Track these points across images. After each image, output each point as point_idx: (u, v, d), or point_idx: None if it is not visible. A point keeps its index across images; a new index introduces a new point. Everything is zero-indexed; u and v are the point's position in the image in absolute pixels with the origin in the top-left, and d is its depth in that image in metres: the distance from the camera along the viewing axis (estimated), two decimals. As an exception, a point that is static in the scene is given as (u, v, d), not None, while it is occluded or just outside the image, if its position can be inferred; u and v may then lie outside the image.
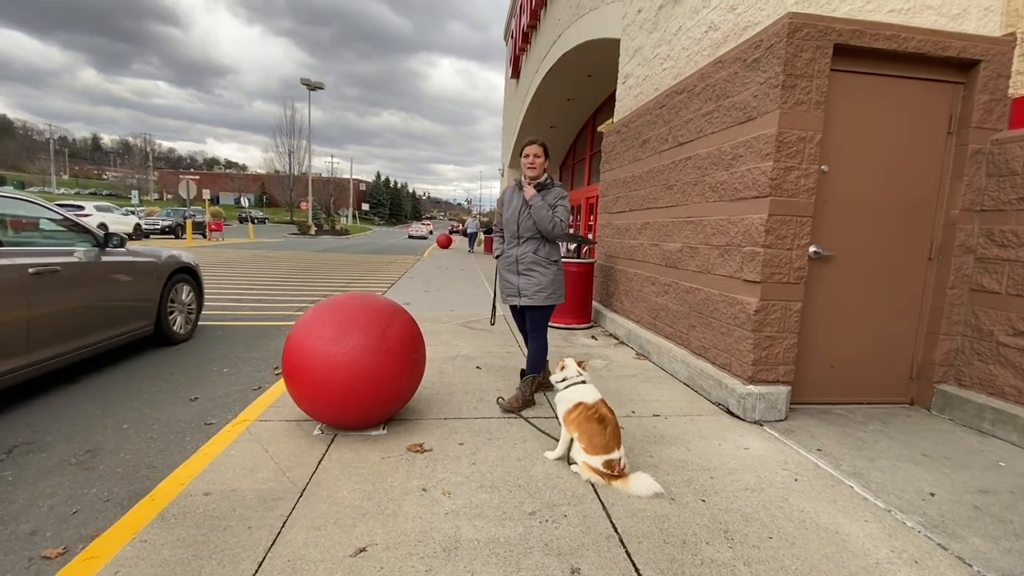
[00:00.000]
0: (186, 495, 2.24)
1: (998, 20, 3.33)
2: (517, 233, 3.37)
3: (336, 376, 2.61)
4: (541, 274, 3.34)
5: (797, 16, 3.09)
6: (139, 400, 3.60)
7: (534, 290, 3.34)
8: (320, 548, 1.90)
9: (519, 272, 3.37)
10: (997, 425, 3.13)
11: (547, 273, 3.35)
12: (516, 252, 3.38)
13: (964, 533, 2.14)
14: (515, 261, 3.38)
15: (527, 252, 3.35)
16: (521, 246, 3.37)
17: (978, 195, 3.38)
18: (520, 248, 3.37)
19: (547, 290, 3.35)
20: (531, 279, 3.34)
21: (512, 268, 3.40)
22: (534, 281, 3.34)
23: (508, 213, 3.42)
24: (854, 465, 2.71)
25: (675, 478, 2.52)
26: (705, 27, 4.18)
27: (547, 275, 3.35)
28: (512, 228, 3.40)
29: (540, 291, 3.34)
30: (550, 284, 3.36)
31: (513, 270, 3.40)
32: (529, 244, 3.35)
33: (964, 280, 3.44)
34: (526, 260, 3.35)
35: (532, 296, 3.35)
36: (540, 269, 3.34)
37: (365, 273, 12.93)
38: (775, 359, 3.32)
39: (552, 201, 3.28)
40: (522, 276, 3.36)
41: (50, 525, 2.16)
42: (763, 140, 3.25)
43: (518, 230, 3.36)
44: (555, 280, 3.39)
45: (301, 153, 51.54)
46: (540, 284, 3.34)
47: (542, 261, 3.35)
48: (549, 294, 3.36)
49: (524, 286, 3.36)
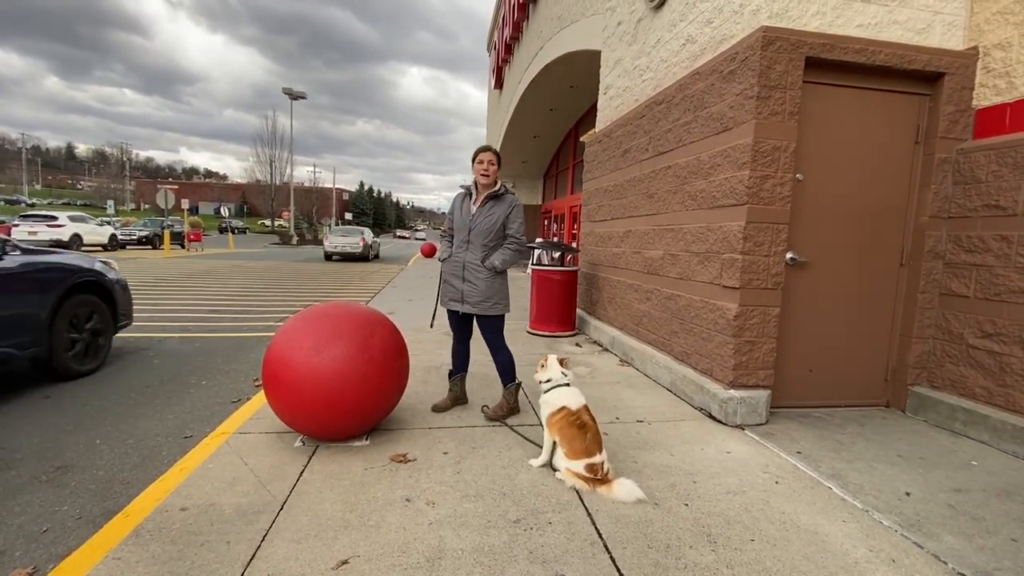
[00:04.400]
0: (162, 510, 2.18)
1: (961, 34, 3.47)
2: (467, 239, 3.29)
3: (318, 387, 2.58)
4: (485, 282, 3.25)
5: (770, 30, 3.18)
6: (113, 415, 3.51)
7: (477, 299, 3.25)
8: (301, 561, 1.87)
9: (464, 278, 3.30)
10: (969, 425, 3.22)
11: (493, 282, 3.27)
12: (464, 257, 3.30)
13: (939, 531, 2.19)
14: (461, 266, 3.30)
15: (474, 259, 3.27)
16: (469, 252, 3.29)
17: (946, 203, 3.50)
18: (468, 254, 3.29)
19: (491, 299, 3.27)
20: (475, 287, 3.26)
21: (457, 273, 3.32)
22: (478, 289, 3.25)
23: (459, 219, 3.35)
24: (833, 467, 2.76)
25: (659, 483, 2.53)
26: (683, 40, 4.28)
27: (493, 284, 3.27)
28: (463, 234, 3.32)
29: (483, 300, 3.26)
30: (495, 293, 3.28)
31: (458, 275, 3.32)
32: (477, 251, 3.27)
33: (934, 284, 3.55)
34: (472, 267, 3.27)
35: (475, 305, 3.26)
36: (484, 277, 3.25)
37: (348, 283, 12.81)
38: (755, 364, 3.38)
39: (503, 214, 3.24)
40: (466, 283, 3.28)
41: (19, 544, 2.09)
42: (740, 149, 3.33)
43: (468, 236, 3.29)
44: (500, 289, 3.30)
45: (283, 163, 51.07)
46: (484, 293, 3.25)
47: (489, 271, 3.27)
48: (494, 303, 3.28)
49: (468, 293, 3.28)
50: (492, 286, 3.27)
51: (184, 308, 8.05)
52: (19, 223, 18.84)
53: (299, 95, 36.07)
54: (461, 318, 3.42)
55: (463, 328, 3.47)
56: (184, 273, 13.50)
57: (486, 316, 3.31)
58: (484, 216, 3.26)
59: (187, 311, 7.79)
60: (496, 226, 3.25)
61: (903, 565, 1.95)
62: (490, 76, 21.99)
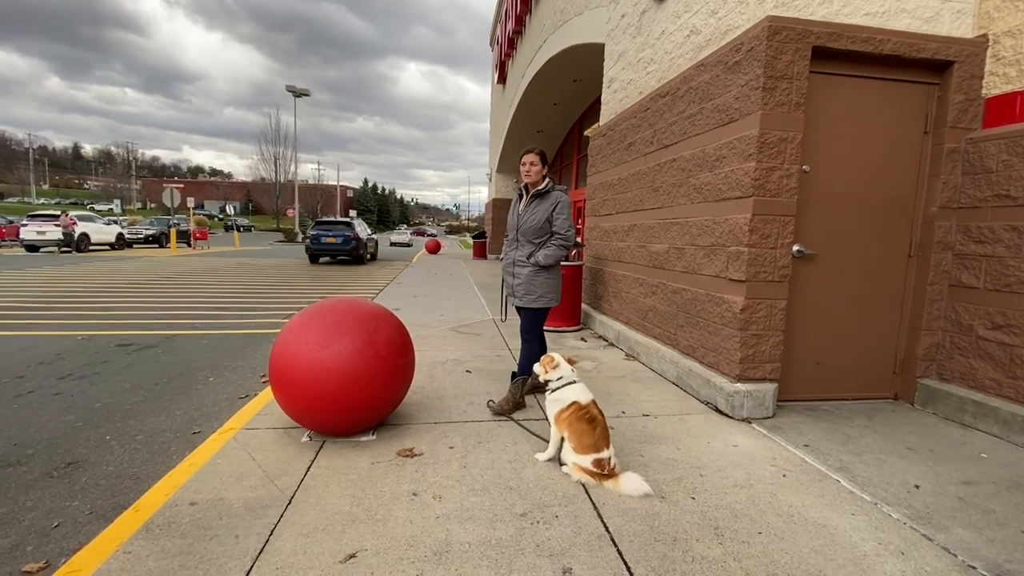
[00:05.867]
0: (171, 505, 2.20)
1: (970, 22, 3.42)
2: (516, 237, 3.49)
3: (324, 382, 2.59)
4: (529, 277, 3.39)
5: (776, 20, 3.15)
6: (122, 411, 3.54)
7: (523, 291, 3.42)
8: (309, 555, 1.88)
9: (514, 274, 3.49)
10: (979, 418, 3.19)
11: (536, 276, 3.38)
12: (514, 255, 3.50)
13: (949, 524, 2.17)
14: (512, 263, 3.51)
15: (522, 255, 3.44)
16: (518, 249, 3.47)
17: (955, 193, 3.46)
18: (516, 252, 3.48)
19: (536, 292, 3.38)
20: (522, 280, 3.42)
21: (509, 269, 3.54)
22: (523, 283, 3.41)
23: (511, 218, 3.56)
24: (840, 460, 2.75)
25: (665, 476, 2.53)
26: (687, 31, 4.24)
27: (536, 279, 3.38)
28: (512, 232, 3.53)
29: (529, 292, 3.40)
30: (540, 286, 3.39)
31: (510, 271, 3.53)
32: (525, 248, 3.44)
33: (943, 276, 3.51)
34: (519, 263, 3.45)
35: (522, 298, 3.43)
36: (528, 272, 3.39)
37: (353, 280, 12.85)
38: (762, 357, 3.36)
39: (546, 211, 3.34)
40: (516, 278, 3.47)
41: (31, 539, 2.11)
42: (745, 141, 3.30)
43: (517, 234, 3.48)
44: (545, 283, 3.40)
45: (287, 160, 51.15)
46: (527, 287, 3.39)
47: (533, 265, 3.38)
48: (538, 296, 3.39)
49: (517, 287, 3.46)
50: (535, 280, 3.38)
51: (191, 305, 8.10)
52: (27, 223, 19.03)
53: (303, 92, 36.09)
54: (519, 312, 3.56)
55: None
56: (190, 271, 13.57)
57: (527, 308, 3.44)
58: (529, 214, 3.39)
59: (194, 308, 7.83)
60: (540, 223, 3.36)
61: (912, 558, 1.94)
62: (493, 71, 21.90)
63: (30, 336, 5.69)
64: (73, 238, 19.16)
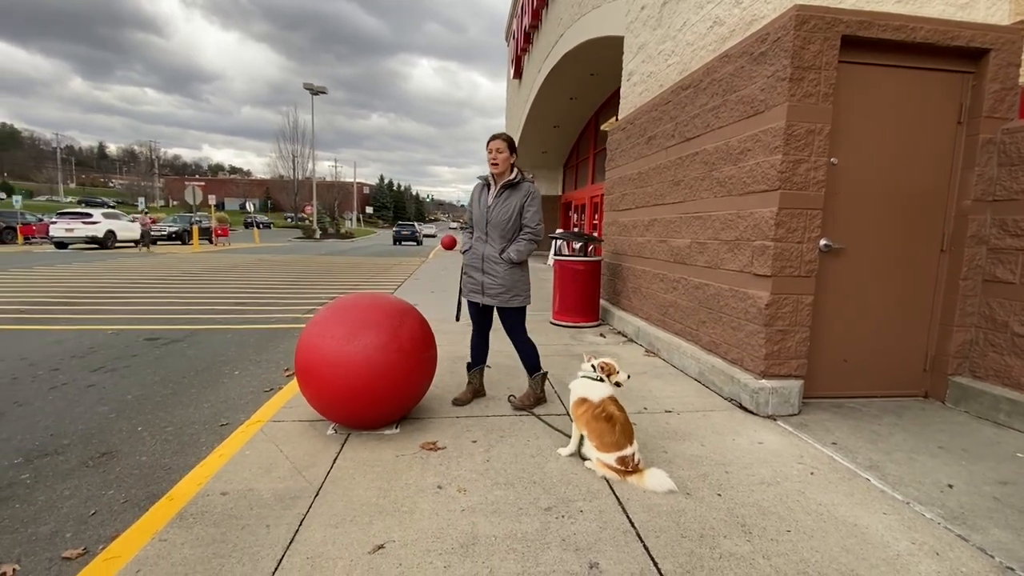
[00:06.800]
0: (204, 495, 2.25)
1: (1007, 8, 3.31)
2: (485, 231, 3.28)
3: (349, 375, 2.62)
4: (505, 275, 3.22)
5: (804, 8, 3.08)
6: (152, 403, 3.63)
7: (497, 291, 3.23)
8: (338, 545, 1.91)
9: (483, 270, 3.28)
10: (1013, 416, 3.10)
11: (512, 273, 3.23)
12: (483, 250, 3.28)
13: (985, 524, 2.12)
14: (481, 259, 3.28)
15: (493, 252, 3.24)
16: (488, 244, 3.27)
17: (990, 185, 3.35)
18: (487, 247, 3.27)
19: (511, 291, 3.24)
20: (495, 279, 3.24)
21: (477, 265, 3.31)
22: (498, 282, 3.23)
23: (477, 211, 3.32)
24: (870, 458, 2.69)
25: (690, 473, 2.51)
26: (710, 22, 4.17)
27: (513, 276, 3.24)
28: (481, 226, 3.30)
29: (504, 292, 3.23)
30: (515, 285, 3.24)
31: (478, 267, 3.30)
32: (497, 243, 3.24)
33: (977, 271, 3.41)
34: (491, 259, 3.25)
35: (495, 297, 3.24)
36: (503, 269, 3.22)
37: (371, 276, 12.97)
38: (787, 353, 3.31)
39: (519, 203, 3.18)
40: (486, 275, 3.27)
41: (69, 526, 2.18)
42: (771, 133, 3.24)
43: (486, 227, 3.26)
44: (520, 281, 3.27)
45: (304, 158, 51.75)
46: (504, 285, 3.22)
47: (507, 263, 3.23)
48: (514, 295, 3.25)
49: (488, 285, 3.26)
50: (512, 278, 3.23)
51: (215, 301, 8.25)
52: (56, 220, 19.58)
53: (320, 90, 36.37)
54: (482, 309, 3.42)
55: (483, 320, 3.46)
56: (213, 267, 13.83)
57: (507, 308, 3.29)
58: (500, 206, 3.19)
59: (218, 303, 7.98)
60: (512, 216, 3.18)
61: (948, 558, 1.90)
62: (509, 66, 21.83)
63: (63, 331, 5.86)
64: (150, 236, 20.00)
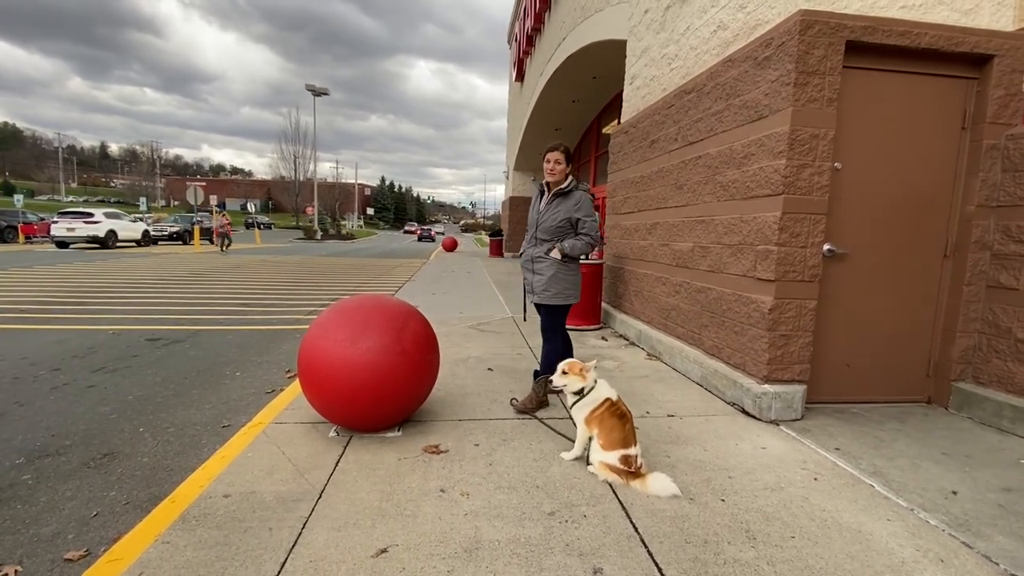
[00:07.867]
0: (206, 497, 2.25)
1: (1011, 14, 3.31)
2: (535, 234, 3.45)
3: (352, 377, 2.61)
4: (550, 273, 3.34)
5: (808, 13, 3.08)
6: (153, 404, 3.62)
7: (540, 288, 3.38)
8: (341, 549, 1.90)
9: (533, 270, 3.45)
10: (1017, 423, 3.10)
11: (557, 272, 3.34)
12: (532, 251, 3.47)
13: (989, 531, 2.11)
14: (531, 259, 3.47)
15: (540, 252, 3.41)
16: (537, 246, 3.44)
17: (994, 191, 3.35)
18: (536, 248, 3.44)
19: (552, 288, 3.34)
20: (541, 277, 3.38)
21: (528, 266, 3.50)
22: (543, 279, 3.37)
23: (532, 215, 3.52)
24: (873, 464, 2.69)
25: (693, 478, 2.50)
26: (714, 26, 4.18)
27: (556, 275, 3.33)
28: (532, 229, 3.49)
29: (546, 289, 3.36)
30: (558, 283, 3.34)
31: (529, 268, 3.50)
32: (544, 245, 3.40)
33: (981, 277, 3.41)
34: (538, 258, 3.42)
35: (539, 294, 3.40)
36: (547, 266, 3.35)
37: (372, 277, 12.96)
38: (790, 358, 3.30)
39: (568, 211, 3.29)
40: (535, 275, 3.43)
41: (71, 528, 2.18)
42: (775, 138, 3.24)
43: (536, 231, 3.44)
44: (563, 279, 3.36)
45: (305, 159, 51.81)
46: (546, 283, 3.35)
47: (552, 260, 3.36)
48: (555, 293, 3.35)
49: (536, 283, 3.42)
50: (555, 276, 3.35)
51: (216, 301, 8.25)
52: (58, 219, 19.59)
53: (322, 91, 36.40)
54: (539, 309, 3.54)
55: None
56: (213, 268, 13.83)
57: (545, 305, 3.42)
58: (550, 213, 3.35)
59: (219, 304, 7.98)
60: (559, 222, 3.31)
61: (952, 565, 1.89)
62: (511, 69, 21.86)
63: (63, 330, 5.86)
64: (227, 238, 20.23)
